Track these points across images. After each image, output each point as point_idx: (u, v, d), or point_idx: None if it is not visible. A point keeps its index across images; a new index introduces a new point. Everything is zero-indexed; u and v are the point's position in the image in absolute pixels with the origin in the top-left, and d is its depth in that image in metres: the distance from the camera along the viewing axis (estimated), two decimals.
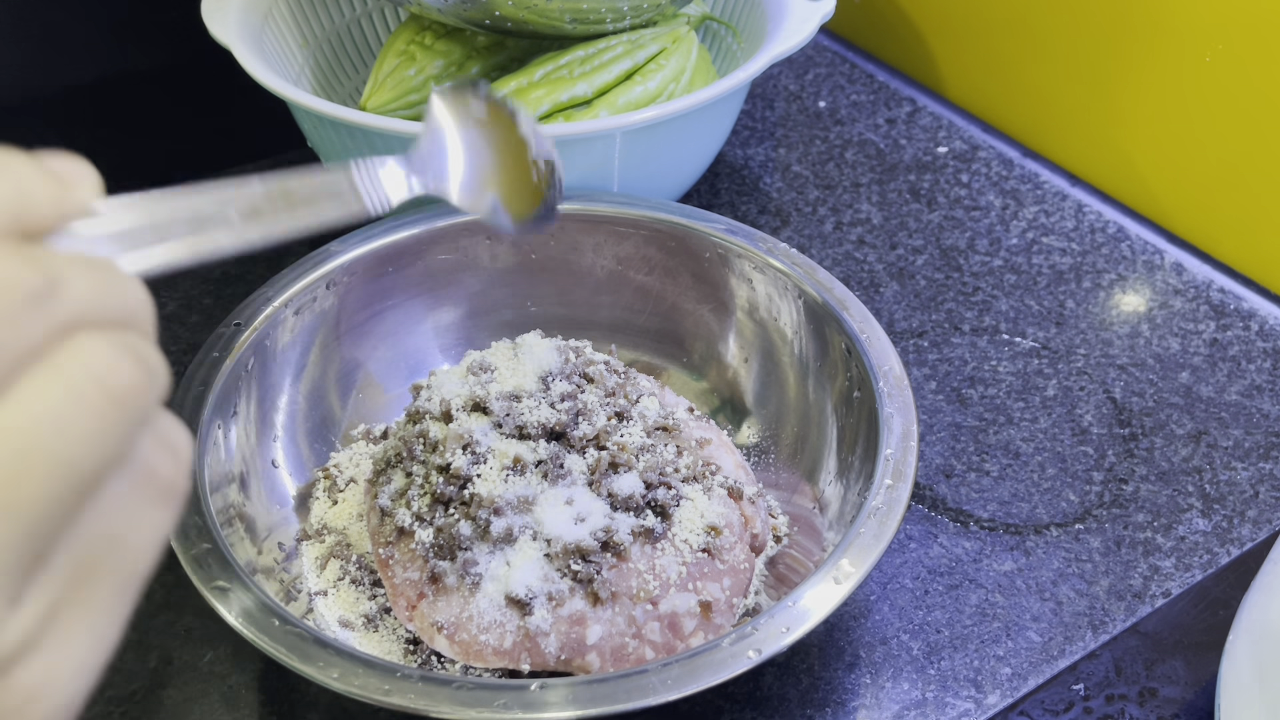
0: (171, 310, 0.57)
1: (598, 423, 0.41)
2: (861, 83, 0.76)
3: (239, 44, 0.55)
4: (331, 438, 0.48)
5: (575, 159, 0.51)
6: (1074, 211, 0.65)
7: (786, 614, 0.34)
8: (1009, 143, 0.70)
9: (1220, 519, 0.48)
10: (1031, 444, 0.51)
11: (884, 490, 0.38)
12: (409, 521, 0.40)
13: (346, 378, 0.49)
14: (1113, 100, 0.66)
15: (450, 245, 0.51)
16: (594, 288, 0.52)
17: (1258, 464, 0.50)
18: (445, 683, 0.32)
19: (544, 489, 0.39)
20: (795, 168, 0.68)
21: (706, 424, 0.47)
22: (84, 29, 0.62)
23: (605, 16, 0.55)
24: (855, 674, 0.42)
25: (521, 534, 0.38)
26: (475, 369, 0.44)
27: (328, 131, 0.54)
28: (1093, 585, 0.45)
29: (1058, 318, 0.58)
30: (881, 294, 0.59)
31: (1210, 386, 0.54)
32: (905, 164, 0.68)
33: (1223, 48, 0.59)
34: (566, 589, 0.37)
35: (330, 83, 0.65)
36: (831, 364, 0.45)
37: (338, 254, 0.48)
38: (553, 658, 0.37)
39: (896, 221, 0.64)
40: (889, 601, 0.44)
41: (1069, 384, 0.54)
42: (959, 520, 0.47)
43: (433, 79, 0.58)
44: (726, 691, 0.41)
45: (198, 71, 0.67)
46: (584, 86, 0.55)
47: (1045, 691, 0.41)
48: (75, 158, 0.21)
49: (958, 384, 0.54)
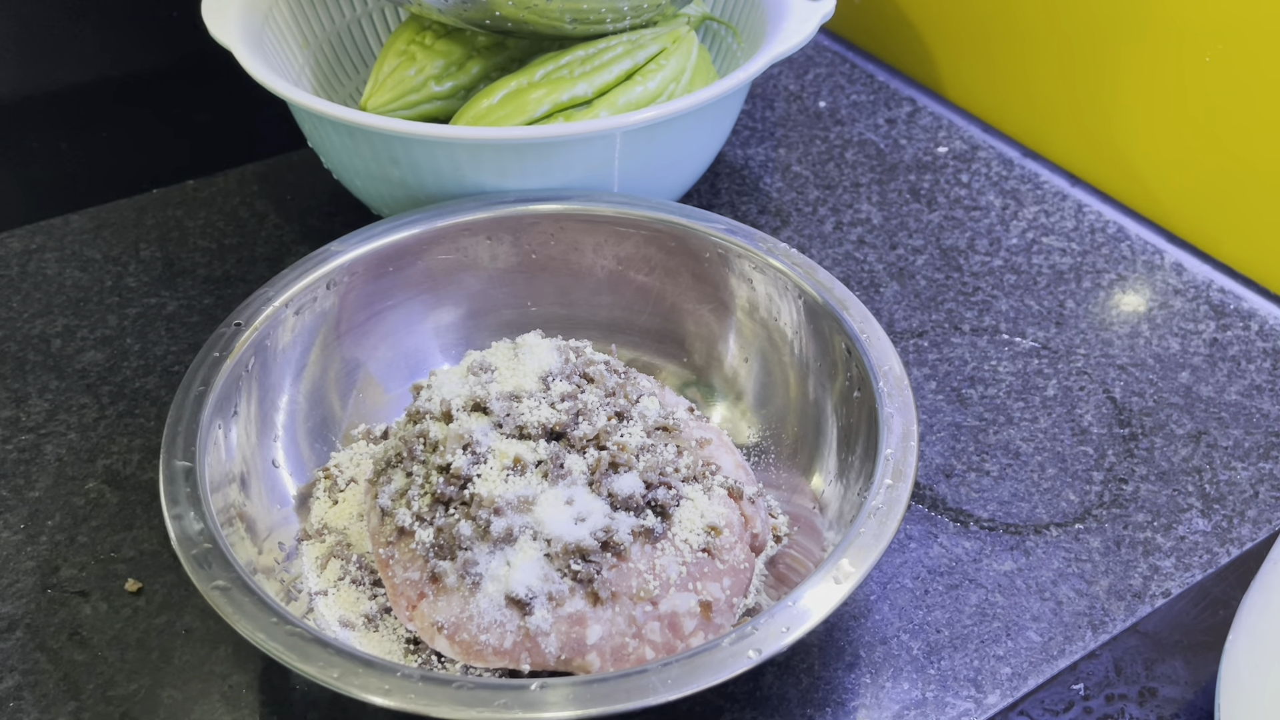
0: (172, 310, 0.57)
1: (598, 423, 0.41)
2: (861, 83, 0.76)
3: (239, 44, 0.55)
4: (332, 437, 0.48)
5: (575, 159, 0.52)
6: (1074, 211, 0.65)
7: (786, 614, 0.34)
8: (1009, 143, 0.70)
9: (1220, 519, 0.48)
10: (1031, 444, 0.51)
11: (884, 490, 0.38)
12: (409, 521, 0.40)
13: (347, 378, 0.49)
14: (1113, 100, 0.66)
15: (450, 245, 0.51)
16: (594, 288, 0.52)
17: (1258, 464, 0.50)
18: (445, 682, 0.32)
19: (544, 489, 0.39)
20: (795, 168, 0.68)
21: (706, 424, 0.47)
22: (84, 29, 0.63)
23: (605, 17, 0.55)
24: (855, 674, 0.42)
25: (521, 534, 0.38)
26: (475, 369, 0.44)
27: (328, 131, 0.54)
28: (1093, 585, 0.45)
29: (1058, 318, 0.58)
30: (881, 294, 0.59)
31: (1210, 386, 0.54)
32: (905, 164, 0.68)
33: (1223, 48, 0.59)
34: (566, 589, 0.37)
35: (331, 83, 0.65)
36: (831, 364, 0.45)
37: (338, 254, 0.48)
38: (553, 658, 0.37)
39: (896, 221, 0.64)
40: (889, 601, 0.44)
41: (1069, 384, 0.54)
42: (959, 520, 0.47)
43: (433, 79, 0.58)
44: (726, 691, 0.41)
45: (198, 71, 0.67)
46: (584, 86, 0.55)
47: (1045, 691, 0.41)
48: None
49: (958, 384, 0.54)
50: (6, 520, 0.47)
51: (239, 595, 0.35)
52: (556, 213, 0.51)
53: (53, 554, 0.46)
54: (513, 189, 0.52)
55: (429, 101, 0.59)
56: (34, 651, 0.42)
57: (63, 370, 0.54)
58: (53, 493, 0.48)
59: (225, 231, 0.63)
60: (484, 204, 0.51)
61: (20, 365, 0.54)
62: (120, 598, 0.44)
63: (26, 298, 0.58)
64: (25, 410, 0.52)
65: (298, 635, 0.34)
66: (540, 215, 0.51)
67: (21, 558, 0.46)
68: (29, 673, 0.41)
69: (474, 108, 0.55)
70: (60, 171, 0.64)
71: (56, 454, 0.50)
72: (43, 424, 0.51)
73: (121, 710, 0.40)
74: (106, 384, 0.53)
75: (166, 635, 0.43)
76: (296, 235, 0.63)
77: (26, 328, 0.57)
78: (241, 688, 0.41)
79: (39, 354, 0.55)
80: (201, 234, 0.63)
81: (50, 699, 0.41)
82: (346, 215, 0.64)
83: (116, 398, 0.53)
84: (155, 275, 0.60)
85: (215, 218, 0.64)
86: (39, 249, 0.61)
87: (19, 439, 0.51)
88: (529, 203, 0.51)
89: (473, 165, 0.51)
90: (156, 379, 0.53)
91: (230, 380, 0.43)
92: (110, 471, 0.49)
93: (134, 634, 0.43)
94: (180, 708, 0.40)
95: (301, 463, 0.46)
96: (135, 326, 0.56)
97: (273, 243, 0.62)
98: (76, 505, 0.48)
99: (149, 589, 0.44)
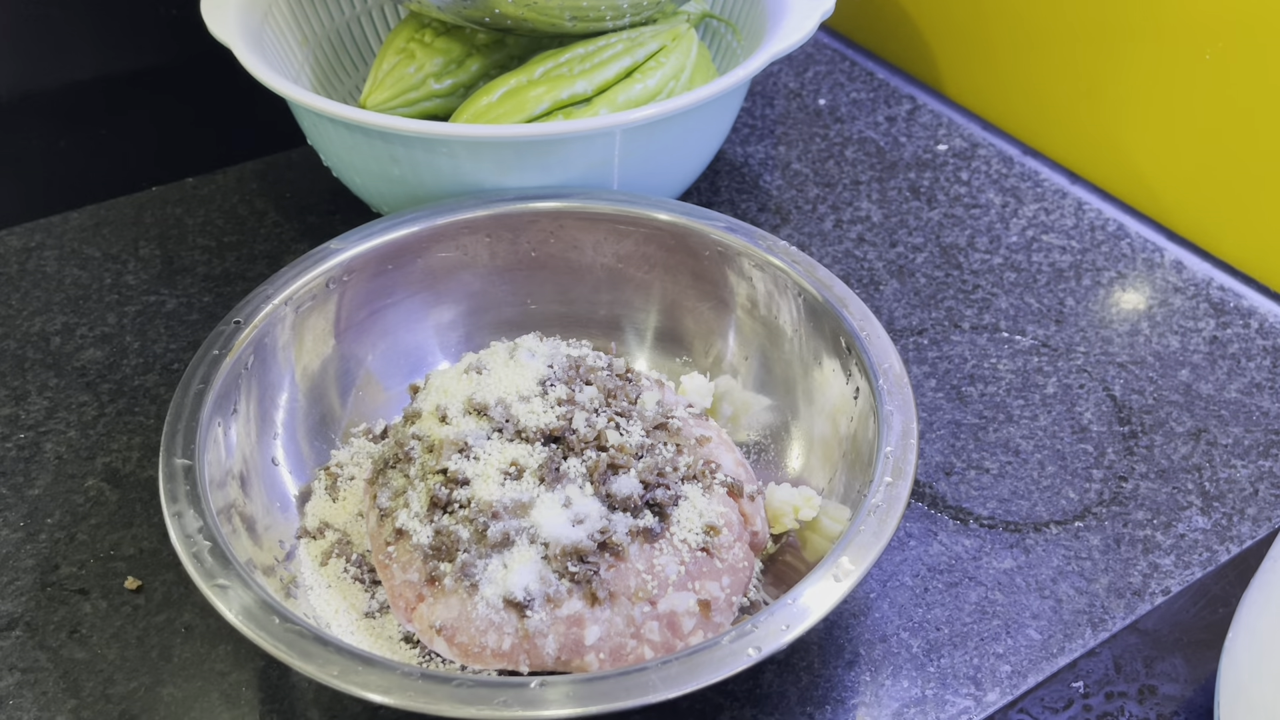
0: (171, 308, 0.57)
1: (597, 424, 0.41)
2: (861, 80, 0.76)
3: (239, 42, 0.55)
4: (332, 435, 0.48)
5: (575, 157, 0.51)
6: (1074, 209, 0.65)
7: (786, 611, 0.34)
8: (1009, 140, 0.70)
9: (1220, 516, 0.48)
10: (1031, 442, 0.51)
11: (884, 488, 0.38)
12: (407, 523, 0.40)
13: (346, 375, 0.49)
14: (1112, 98, 0.66)
15: (450, 243, 0.51)
16: (594, 285, 0.52)
17: (1257, 462, 0.50)
18: (445, 680, 0.32)
19: (541, 492, 0.39)
20: (795, 165, 0.68)
21: (706, 422, 0.47)
22: (84, 29, 0.62)
23: (605, 14, 0.55)
24: (855, 671, 0.42)
25: (519, 537, 0.38)
26: (473, 370, 0.44)
27: (327, 129, 0.54)
28: (1092, 583, 0.45)
29: (1057, 315, 0.58)
30: (881, 291, 0.59)
31: (1210, 384, 0.54)
32: (905, 162, 0.68)
33: (1222, 45, 0.59)
34: (564, 590, 0.37)
35: (330, 80, 0.65)
36: (831, 362, 0.45)
37: (338, 252, 0.48)
38: (551, 659, 0.37)
39: (896, 219, 0.64)
40: (889, 599, 0.44)
41: (1069, 381, 0.54)
42: (959, 518, 0.47)
43: (432, 76, 0.58)
44: (726, 689, 0.41)
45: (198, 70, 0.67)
46: (584, 84, 0.55)
47: (1045, 689, 0.41)
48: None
49: (957, 382, 0.54)
50: (6, 518, 0.47)
51: (238, 593, 0.35)
52: (556, 210, 0.51)
53: (52, 552, 0.46)
54: (512, 187, 0.52)
55: (428, 99, 0.59)
56: (33, 650, 0.42)
57: (62, 368, 0.54)
58: (52, 490, 0.48)
59: (225, 229, 0.63)
60: (483, 202, 0.51)
61: (20, 363, 0.54)
62: (120, 596, 0.44)
63: (26, 295, 0.58)
64: (25, 408, 0.52)
65: (297, 633, 0.34)
66: (540, 213, 0.51)
67: (21, 556, 0.46)
68: (28, 671, 0.41)
69: (473, 105, 0.55)
70: (59, 169, 0.64)
71: (56, 452, 0.50)
72: (42, 422, 0.51)
73: (121, 708, 0.40)
74: (106, 382, 0.53)
75: (166, 633, 0.43)
76: (296, 233, 0.63)
77: (26, 325, 0.57)
78: (241, 686, 0.41)
79: (38, 352, 0.55)
80: (201, 231, 0.63)
81: (50, 697, 0.41)
82: (346, 213, 0.64)
83: (116, 395, 0.53)
84: (155, 273, 0.60)
85: (215, 215, 0.64)
86: (38, 246, 0.61)
87: (18, 437, 0.51)
88: (528, 200, 0.51)
89: (472, 163, 0.51)
90: (156, 377, 0.53)
91: (230, 378, 0.43)
92: (110, 469, 0.49)
93: (133, 632, 0.43)
94: (180, 706, 0.40)
95: (301, 461, 0.46)
96: (135, 324, 0.56)
97: (272, 240, 0.62)
98: (76, 503, 0.48)
99: (148, 587, 0.44)
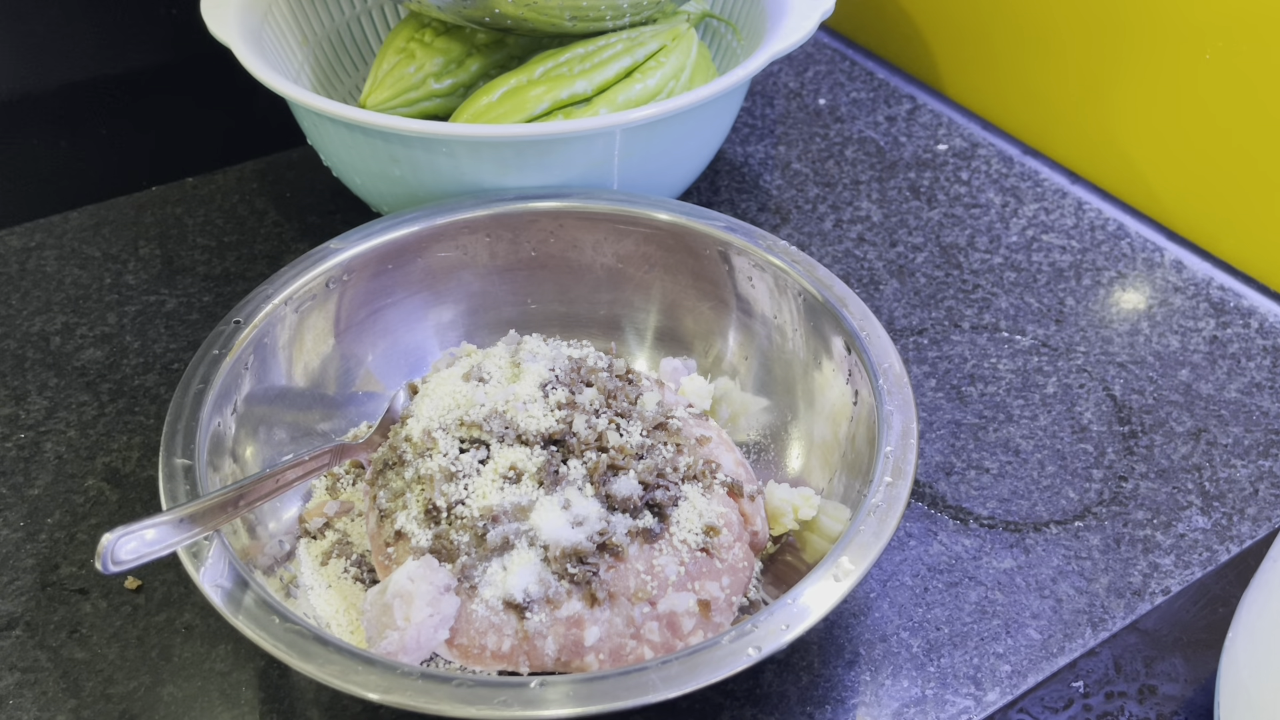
0: (172, 308, 0.57)
1: (597, 425, 0.41)
2: (861, 80, 0.76)
3: (239, 42, 0.55)
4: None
5: (575, 156, 0.51)
6: (1074, 209, 0.65)
7: (786, 611, 0.34)
8: (1009, 140, 0.70)
9: (1220, 516, 0.48)
10: (1031, 441, 0.51)
11: (884, 488, 0.38)
12: (406, 525, 0.40)
13: (346, 375, 0.49)
14: (1112, 98, 0.66)
15: (450, 243, 0.51)
16: (594, 285, 0.52)
17: (1257, 461, 0.50)
18: (445, 680, 0.32)
19: (540, 495, 0.39)
20: (795, 165, 0.68)
21: (706, 422, 0.47)
22: (84, 29, 0.62)
23: (605, 14, 0.55)
24: (855, 671, 0.42)
25: (518, 540, 0.38)
26: (474, 380, 0.44)
27: (327, 129, 0.54)
28: (1092, 583, 0.45)
29: (1057, 315, 0.58)
30: (881, 291, 0.59)
31: (1210, 384, 0.54)
32: (905, 161, 0.68)
33: (1222, 45, 0.59)
34: (564, 591, 0.37)
35: (330, 80, 0.65)
36: (831, 361, 0.45)
37: (337, 251, 0.48)
38: (551, 660, 0.37)
39: (896, 219, 0.64)
40: (889, 599, 0.44)
41: (1069, 381, 0.54)
42: (959, 518, 0.47)
43: (432, 76, 0.58)
44: (726, 689, 0.41)
45: (198, 71, 0.67)
46: (584, 84, 0.55)
47: (1045, 689, 0.41)
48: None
49: (957, 381, 0.54)
50: (6, 518, 0.47)
51: (238, 593, 0.35)
52: (556, 210, 0.51)
53: (52, 551, 0.46)
54: (512, 186, 0.52)
55: (428, 99, 0.59)
56: (33, 649, 0.42)
57: (62, 368, 0.54)
58: (52, 490, 0.48)
59: (224, 229, 0.63)
60: (483, 201, 0.51)
61: (20, 363, 0.54)
62: (120, 595, 0.44)
63: (26, 295, 0.58)
64: (25, 408, 0.52)
65: (297, 633, 0.34)
66: (540, 213, 0.51)
67: (21, 555, 0.46)
68: (28, 671, 0.41)
69: (473, 105, 0.55)
70: (59, 169, 0.64)
71: (56, 451, 0.50)
72: (42, 421, 0.51)
73: (121, 708, 0.40)
74: (106, 381, 0.53)
75: (166, 633, 0.43)
76: (296, 233, 0.63)
77: (26, 325, 0.57)
78: (241, 685, 0.41)
79: (38, 351, 0.55)
80: (201, 231, 0.63)
81: (50, 697, 0.41)
82: (346, 213, 0.64)
83: (116, 395, 0.53)
84: (155, 273, 0.60)
85: (214, 215, 0.64)
86: (38, 246, 0.61)
87: (18, 436, 0.51)
88: (528, 200, 0.51)
89: (472, 162, 0.51)
90: (156, 376, 0.53)
91: (230, 377, 0.43)
92: (110, 469, 0.49)
93: (133, 632, 0.43)
94: (180, 705, 0.40)
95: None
96: (135, 324, 0.56)
97: (272, 240, 0.62)
98: (76, 503, 0.48)
99: (148, 587, 0.44)
